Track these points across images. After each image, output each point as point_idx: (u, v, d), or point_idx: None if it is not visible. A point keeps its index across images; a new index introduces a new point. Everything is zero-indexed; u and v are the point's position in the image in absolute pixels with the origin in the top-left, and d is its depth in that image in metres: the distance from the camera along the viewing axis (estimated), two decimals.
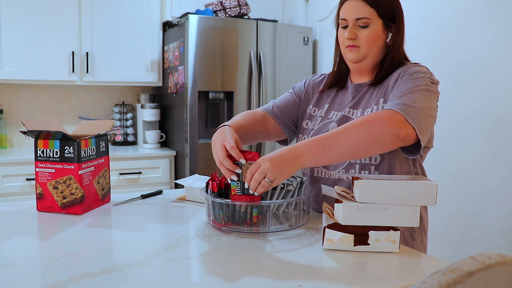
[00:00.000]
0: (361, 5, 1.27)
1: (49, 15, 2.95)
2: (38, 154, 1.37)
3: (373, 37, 1.28)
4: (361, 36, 1.28)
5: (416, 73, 1.22)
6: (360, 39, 1.28)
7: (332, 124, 1.33)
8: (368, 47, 1.28)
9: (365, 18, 1.26)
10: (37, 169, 1.37)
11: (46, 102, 3.28)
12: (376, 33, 1.28)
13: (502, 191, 2.02)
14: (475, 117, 2.13)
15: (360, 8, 1.26)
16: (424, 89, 1.18)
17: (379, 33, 1.28)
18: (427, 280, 0.54)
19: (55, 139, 1.35)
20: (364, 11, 1.26)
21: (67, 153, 1.34)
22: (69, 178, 1.35)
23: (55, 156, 1.35)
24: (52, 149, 1.36)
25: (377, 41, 1.29)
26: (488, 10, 2.07)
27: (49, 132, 1.35)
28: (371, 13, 1.26)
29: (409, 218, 1.05)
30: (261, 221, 1.18)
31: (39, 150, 1.37)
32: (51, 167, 1.36)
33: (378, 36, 1.28)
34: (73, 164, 1.34)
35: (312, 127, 1.40)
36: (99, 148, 1.45)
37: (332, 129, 1.24)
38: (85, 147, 1.37)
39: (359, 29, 1.28)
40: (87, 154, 1.38)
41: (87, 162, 1.38)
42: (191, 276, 0.94)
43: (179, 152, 3.12)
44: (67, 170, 1.35)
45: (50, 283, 0.86)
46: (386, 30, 1.30)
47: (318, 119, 1.40)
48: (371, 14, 1.26)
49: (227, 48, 3.00)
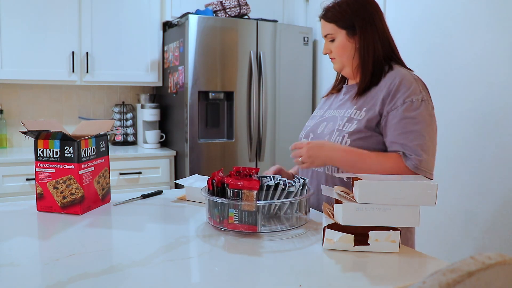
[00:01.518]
0: (324, 23, 1.43)
1: (49, 15, 2.95)
2: (38, 154, 1.37)
3: (340, 48, 1.41)
4: (332, 50, 1.43)
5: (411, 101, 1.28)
6: (333, 52, 1.44)
7: (323, 123, 1.48)
8: (340, 57, 1.43)
9: (329, 34, 1.42)
10: (37, 169, 1.37)
11: (46, 102, 3.28)
12: (341, 44, 1.41)
13: (501, 191, 2.02)
14: (475, 117, 2.13)
15: (324, 26, 1.43)
16: (428, 123, 1.28)
17: (344, 43, 1.41)
18: (427, 280, 0.54)
19: (55, 139, 1.35)
20: (326, 28, 1.42)
21: (67, 153, 1.34)
22: (69, 178, 1.35)
23: (55, 156, 1.35)
24: (52, 149, 1.36)
25: (345, 50, 1.41)
26: (488, 10, 2.07)
27: (49, 132, 1.35)
28: (332, 28, 1.41)
29: (409, 218, 1.05)
30: (262, 221, 1.18)
31: (39, 150, 1.37)
32: (51, 167, 1.36)
33: (344, 46, 1.41)
34: (73, 164, 1.34)
35: (310, 124, 1.55)
36: (99, 148, 1.45)
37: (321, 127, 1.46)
38: (85, 147, 1.37)
39: (330, 44, 1.43)
40: (87, 154, 1.38)
41: (87, 162, 1.38)
42: (191, 276, 0.95)
43: (179, 152, 3.12)
44: (67, 170, 1.35)
45: (50, 283, 0.86)
46: (352, 38, 1.40)
47: (316, 117, 1.56)
48: (332, 29, 1.41)
49: (227, 48, 3.00)
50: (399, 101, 1.29)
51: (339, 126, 1.39)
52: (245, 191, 1.13)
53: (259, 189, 1.14)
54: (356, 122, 1.34)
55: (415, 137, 1.26)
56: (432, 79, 2.35)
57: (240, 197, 1.14)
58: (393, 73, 1.35)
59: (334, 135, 1.38)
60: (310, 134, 1.50)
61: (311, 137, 1.48)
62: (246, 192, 1.13)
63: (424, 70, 2.39)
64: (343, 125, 1.38)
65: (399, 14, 2.54)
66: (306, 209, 1.25)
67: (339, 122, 1.41)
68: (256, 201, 1.13)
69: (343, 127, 1.37)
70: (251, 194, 1.13)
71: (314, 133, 1.49)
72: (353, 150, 1.30)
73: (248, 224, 1.13)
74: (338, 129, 1.38)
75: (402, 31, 2.51)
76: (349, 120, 1.37)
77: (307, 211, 1.25)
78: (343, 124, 1.38)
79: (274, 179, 1.25)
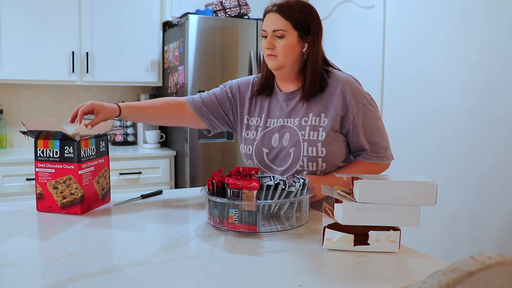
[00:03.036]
0: (278, 18, 1.39)
1: (49, 15, 2.95)
2: (38, 154, 1.37)
3: (288, 47, 1.40)
4: (278, 46, 1.40)
5: (368, 104, 1.41)
6: (277, 49, 1.40)
7: (274, 135, 1.47)
8: (285, 56, 1.41)
9: (281, 30, 1.39)
10: (37, 169, 1.37)
11: (46, 102, 3.27)
12: (291, 43, 1.40)
13: (502, 191, 2.02)
14: (475, 117, 2.13)
15: (277, 20, 1.39)
16: (381, 123, 1.45)
17: (294, 44, 1.40)
18: (427, 280, 0.54)
19: (55, 139, 1.35)
20: (280, 23, 1.39)
21: (67, 153, 1.34)
22: (69, 178, 1.35)
23: (55, 156, 1.35)
24: (52, 149, 1.36)
25: (293, 51, 1.41)
26: (487, 11, 2.07)
27: (49, 132, 1.35)
28: (286, 25, 1.39)
29: (409, 218, 1.05)
30: (262, 221, 1.18)
31: (39, 150, 1.37)
32: (51, 167, 1.36)
33: (293, 46, 1.40)
34: (73, 164, 1.34)
35: (255, 137, 1.51)
36: (99, 148, 1.45)
37: (274, 139, 1.45)
38: (85, 147, 1.37)
39: (277, 40, 1.40)
40: (87, 154, 1.38)
41: (87, 162, 1.38)
42: (191, 276, 0.94)
43: (179, 152, 3.12)
44: (67, 170, 1.35)
45: (50, 283, 0.86)
46: (302, 41, 1.41)
47: (259, 129, 1.51)
48: (286, 26, 1.39)
49: (227, 48, 3.00)
50: (359, 105, 1.40)
51: (303, 136, 1.41)
52: (245, 191, 1.13)
53: (259, 189, 1.14)
54: (322, 129, 1.40)
55: (378, 133, 1.43)
56: (432, 79, 2.35)
57: (240, 197, 1.14)
58: (336, 78, 1.43)
59: (303, 147, 1.40)
60: (264, 150, 1.47)
61: (265, 153, 1.47)
62: (246, 192, 1.13)
63: (424, 71, 2.39)
64: (308, 134, 1.40)
65: (399, 14, 2.54)
66: (306, 209, 1.25)
67: (301, 132, 1.42)
68: (256, 201, 1.13)
69: (311, 136, 1.40)
70: (251, 194, 1.13)
71: (267, 147, 1.47)
72: (329, 176, 1.42)
73: (248, 224, 1.13)
74: (305, 140, 1.40)
75: (403, 31, 2.51)
76: (313, 128, 1.40)
77: (307, 211, 1.25)
78: (308, 133, 1.40)
79: (274, 179, 1.25)
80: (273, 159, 1.47)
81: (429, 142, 2.37)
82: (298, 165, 1.41)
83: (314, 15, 1.43)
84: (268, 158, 1.47)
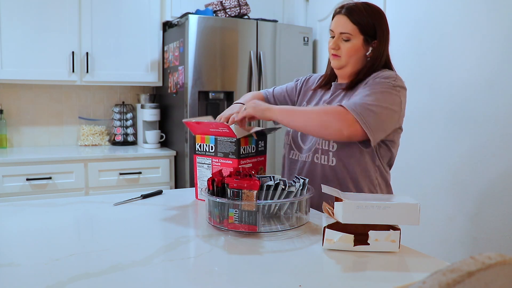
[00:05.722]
0: (346, 21, 1.43)
1: (49, 15, 2.95)
2: (196, 149, 1.48)
3: (352, 50, 1.44)
4: (342, 48, 1.45)
5: (379, 78, 1.38)
6: (342, 50, 1.45)
7: None
8: (348, 58, 1.45)
9: (347, 33, 1.43)
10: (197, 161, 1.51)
11: (46, 102, 3.27)
12: (356, 47, 1.44)
13: (502, 191, 2.02)
14: (475, 117, 2.13)
15: (345, 24, 1.43)
16: (380, 91, 1.34)
17: (358, 47, 1.44)
18: (427, 280, 0.54)
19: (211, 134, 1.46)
20: (347, 27, 1.43)
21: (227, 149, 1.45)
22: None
23: (210, 151, 1.46)
24: (208, 144, 1.47)
25: (356, 53, 1.45)
26: (487, 11, 2.07)
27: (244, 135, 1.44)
28: (353, 30, 1.43)
29: (409, 217, 1.05)
30: (262, 221, 1.18)
31: (197, 145, 1.49)
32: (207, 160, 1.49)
33: (357, 49, 1.44)
34: (232, 160, 1.43)
35: None
36: (258, 147, 1.53)
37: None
38: (244, 145, 1.45)
39: (342, 41, 1.45)
40: (246, 151, 1.46)
41: (246, 159, 1.45)
42: (191, 276, 0.94)
43: (179, 152, 3.12)
44: (224, 164, 1.45)
45: (50, 283, 0.86)
46: (367, 45, 1.45)
47: None
48: (353, 30, 1.43)
49: (227, 48, 3.00)
50: (370, 80, 1.39)
51: None
52: (245, 191, 1.13)
53: (259, 189, 1.14)
54: None
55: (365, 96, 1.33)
56: (432, 79, 2.35)
57: (240, 197, 1.14)
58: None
59: None
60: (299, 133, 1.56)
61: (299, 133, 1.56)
62: (246, 192, 1.13)
63: (423, 71, 2.39)
64: None
65: (399, 15, 2.54)
66: (306, 209, 1.25)
67: None
68: (256, 201, 1.13)
69: None
70: (251, 194, 1.13)
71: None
72: (289, 106, 1.48)
73: (248, 224, 1.13)
74: None
75: (402, 31, 2.51)
76: None
77: (307, 211, 1.25)
78: None
79: (274, 179, 1.25)
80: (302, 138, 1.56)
81: (429, 141, 2.37)
82: (317, 143, 1.47)
83: (382, 20, 1.46)
84: (300, 136, 1.57)
